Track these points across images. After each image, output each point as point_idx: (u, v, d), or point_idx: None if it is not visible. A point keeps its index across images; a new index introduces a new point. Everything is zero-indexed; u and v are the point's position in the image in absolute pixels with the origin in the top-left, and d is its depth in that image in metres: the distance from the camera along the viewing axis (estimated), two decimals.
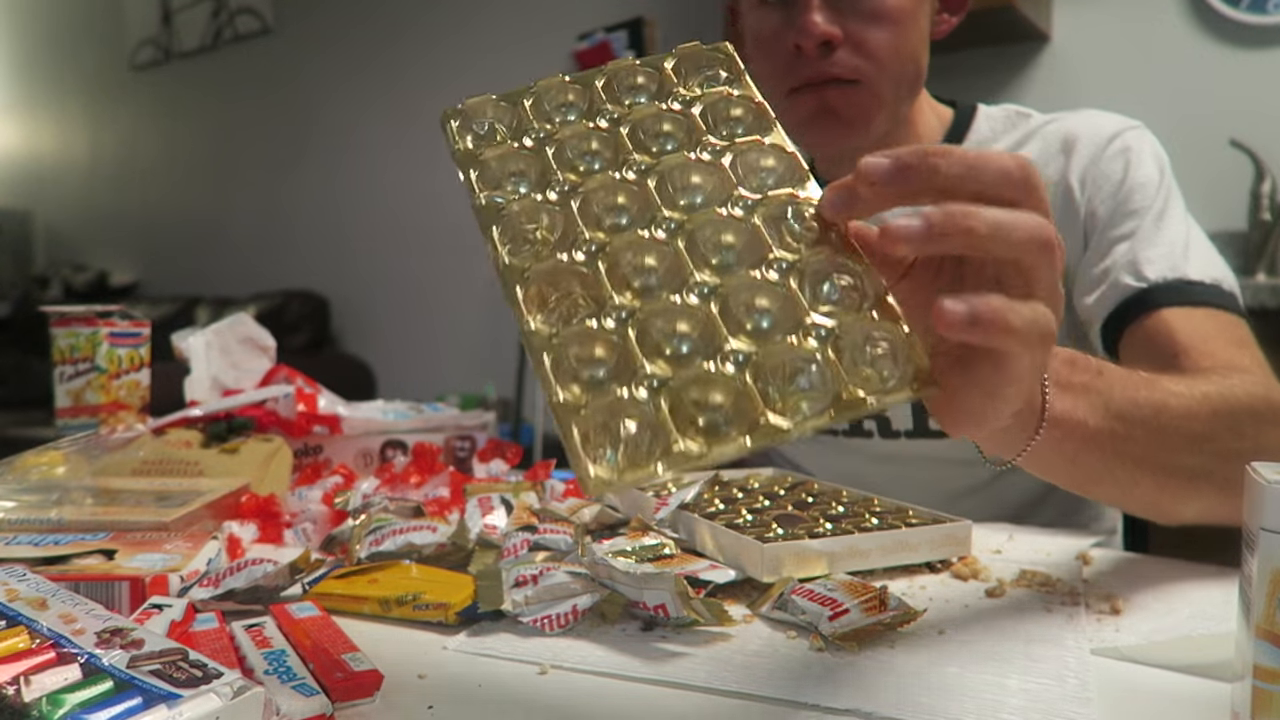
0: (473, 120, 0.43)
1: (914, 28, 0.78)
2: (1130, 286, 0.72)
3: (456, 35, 3.28)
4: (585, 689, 0.39)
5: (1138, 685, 0.40)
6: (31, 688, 0.29)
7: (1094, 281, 0.75)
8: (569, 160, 0.40)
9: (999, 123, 0.85)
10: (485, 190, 0.39)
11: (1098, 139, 0.79)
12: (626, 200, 0.38)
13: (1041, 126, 0.83)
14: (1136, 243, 0.74)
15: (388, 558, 0.53)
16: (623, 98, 0.43)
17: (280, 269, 3.85)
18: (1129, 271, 0.72)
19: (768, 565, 0.49)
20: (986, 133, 0.85)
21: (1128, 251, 0.74)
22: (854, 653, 0.41)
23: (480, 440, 0.82)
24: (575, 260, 0.37)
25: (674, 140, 0.41)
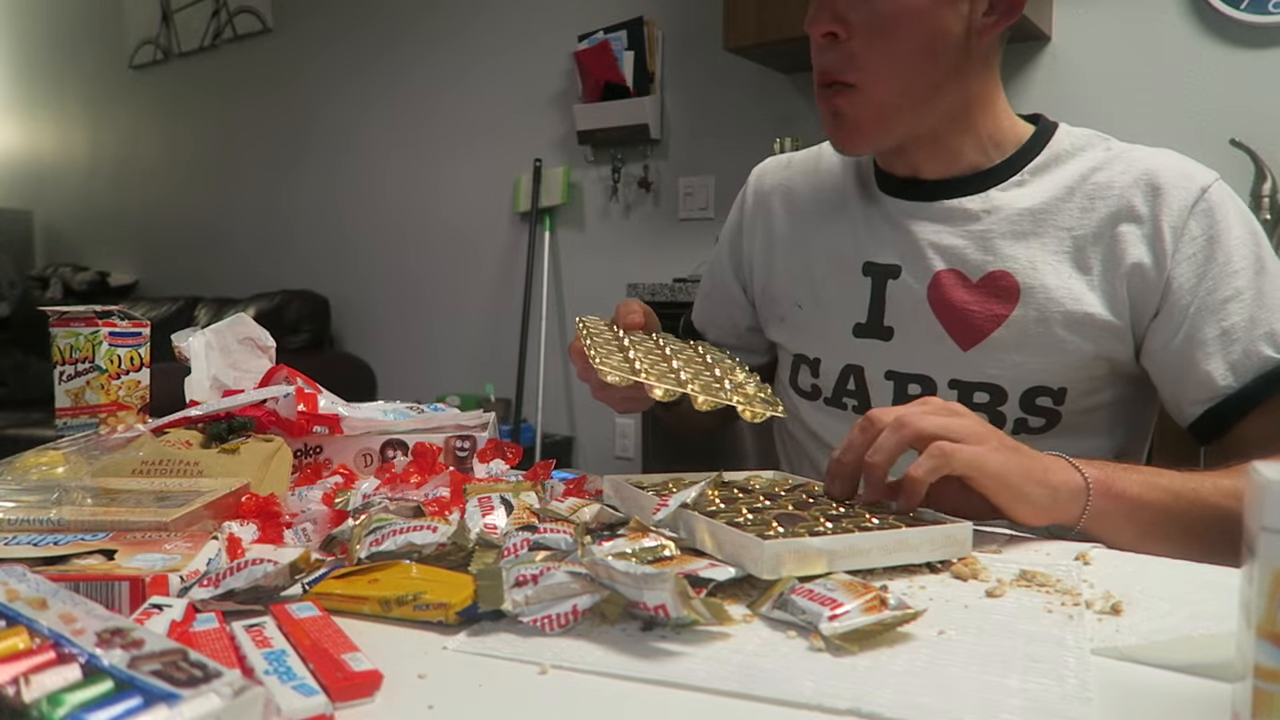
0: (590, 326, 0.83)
1: (928, 31, 0.77)
2: (1274, 358, 0.74)
3: (456, 35, 3.28)
4: (585, 689, 0.39)
5: (1138, 685, 0.39)
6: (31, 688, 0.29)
7: (1212, 343, 0.75)
8: (635, 342, 0.81)
9: (1080, 141, 0.84)
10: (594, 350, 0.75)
11: (1189, 188, 0.78)
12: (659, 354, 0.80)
13: (1124, 153, 0.82)
14: (1261, 307, 0.75)
15: (388, 558, 0.53)
16: (665, 345, 0.84)
17: (280, 269, 3.85)
18: (1268, 342, 0.74)
19: (768, 563, 0.49)
20: (1066, 148, 0.84)
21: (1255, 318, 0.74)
22: (854, 653, 0.41)
23: (480, 440, 0.82)
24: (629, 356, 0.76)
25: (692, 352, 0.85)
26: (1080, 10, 2.14)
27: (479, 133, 3.25)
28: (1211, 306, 0.76)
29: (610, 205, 2.97)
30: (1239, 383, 0.75)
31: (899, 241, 0.86)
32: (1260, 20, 1.93)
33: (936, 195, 0.85)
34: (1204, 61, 2.00)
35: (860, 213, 0.90)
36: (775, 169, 1.01)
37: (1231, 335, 0.75)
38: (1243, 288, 0.75)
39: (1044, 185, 0.83)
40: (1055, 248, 0.81)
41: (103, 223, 4.73)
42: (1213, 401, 0.76)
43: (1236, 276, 0.75)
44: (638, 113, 2.78)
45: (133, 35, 4.43)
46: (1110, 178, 0.81)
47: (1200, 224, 0.77)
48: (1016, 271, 0.81)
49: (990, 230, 0.83)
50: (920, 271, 0.85)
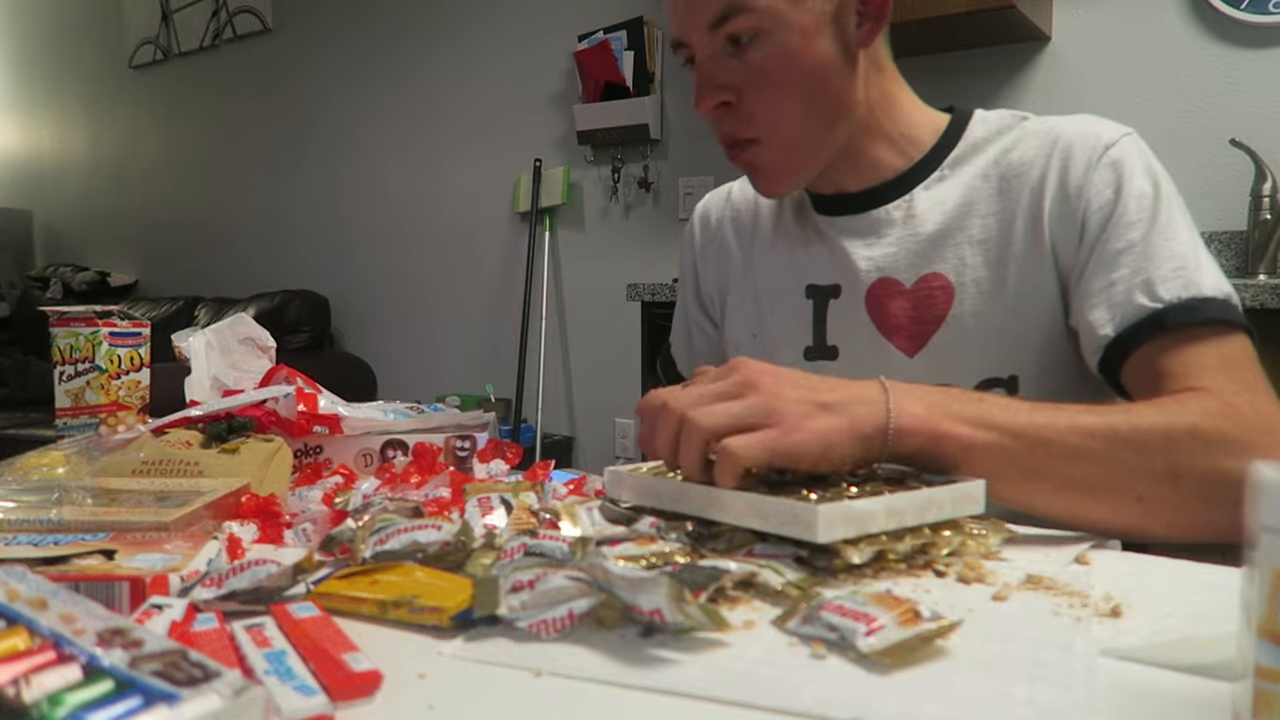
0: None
1: (809, 67, 0.78)
2: (1144, 306, 0.72)
3: (456, 35, 3.28)
4: (582, 695, 0.39)
5: (1138, 685, 0.39)
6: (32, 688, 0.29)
7: (1097, 296, 0.75)
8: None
9: (994, 125, 0.85)
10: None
11: (1093, 147, 0.78)
12: None
13: (1034, 127, 0.83)
14: (1144, 258, 0.74)
15: (392, 557, 0.52)
16: None
17: (280, 269, 3.85)
18: (1143, 291, 0.73)
19: (822, 527, 0.49)
20: (981, 135, 0.85)
21: (1136, 266, 0.74)
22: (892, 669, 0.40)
23: (481, 440, 0.82)
24: None
25: None
26: (1080, 10, 2.14)
27: (479, 133, 3.25)
28: (1102, 257, 0.75)
29: (610, 205, 2.97)
30: (1115, 331, 0.74)
31: (835, 259, 0.87)
32: (1260, 20, 1.93)
33: (863, 206, 0.87)
34: (1204, 61, 2.00)
35: (798, 235, 0.92)
36: (718, 203, 1.02)
37: (1116, 287, 0.74)
38: (1135, 240, 0.74)
39: (963, 176, 0.84)
40: (981, 236, 0.82)
41: (103, 223, 4.73)
42: (1099, 352, 0.75)
43: (1131, 229, 0.75)
44: (638, 113, 2.78)
45: (132, 35, 4.43)
46: (1022, 154, 0.81)
47: (1104, 177, 0.77)
48: (947, 271, 0.82)
49: (917, 233, 0.84)
50: (856, 286, 0.86)
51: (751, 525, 0.55)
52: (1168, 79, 2.04)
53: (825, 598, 0.46)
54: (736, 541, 0.56)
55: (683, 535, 0.57)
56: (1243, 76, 1.96)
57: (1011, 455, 0.61)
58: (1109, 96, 2.11)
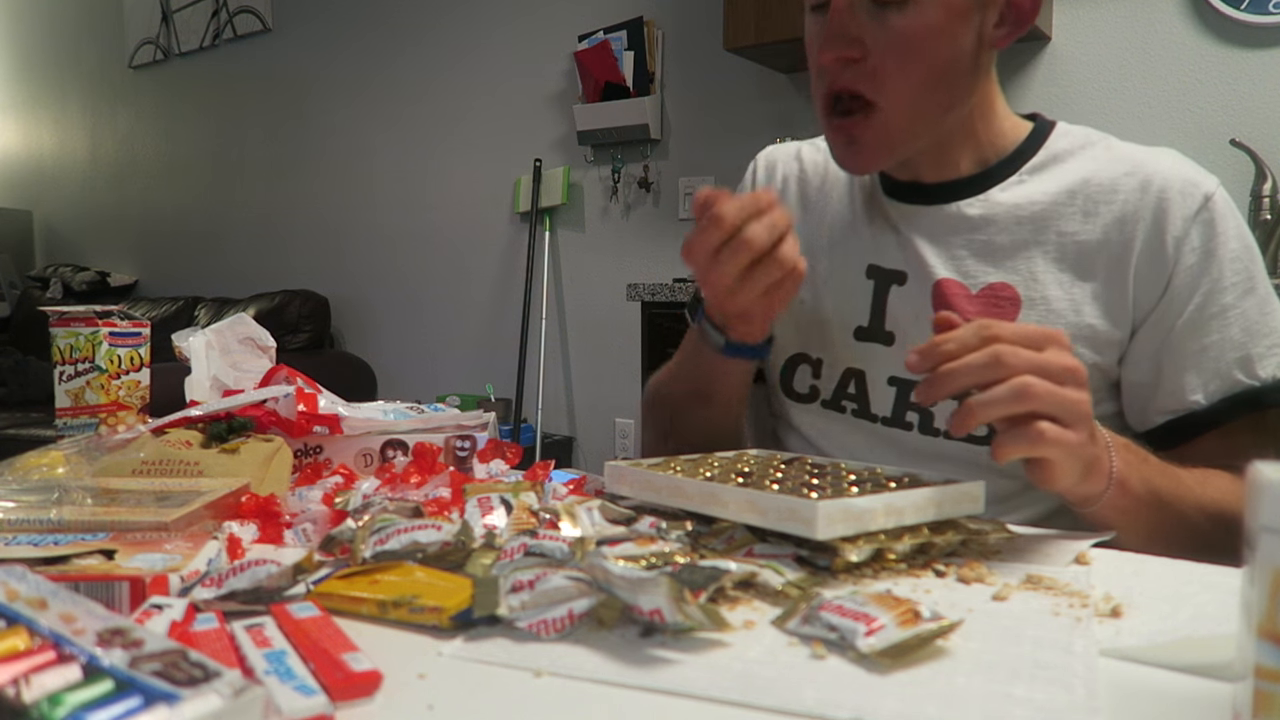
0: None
1: (946, 50, 0.76)
2: (1241, 382, 0.74)
3: (457, 35, 3.28)
4: (582, 695, 0.39)
5: (1138, 685, 0.39)
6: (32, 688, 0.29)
7: (1190, 358, 0.76)
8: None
9: (1078, 139, 0.84)
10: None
11: (1192, 196, 0.77)
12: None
13: (1126, 154, 0.81)
14: (1243, 330, 0.75)
15: (392, 558, 0.52)
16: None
17: (280, 269, 3.85)
18: (1241, 367, 0.75)
19: (821, 523, 0.50)
20: (1064, 147, 0.83)
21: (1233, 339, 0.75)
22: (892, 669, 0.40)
23: (481, 440, 0.82)
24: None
25: None
26: (1080, 10, 2.14)
27: (479, 133, 3.25)
28: (1197, 321, 0.76)
29: (610, 205, 2.97)
30: (1207, 401, 0.75)
31: (902, 247, 0.86)
32: (1260, 20, 1.93)
33: (936, 199, 0.85)
34: (1204, 61, 2.00)
35: (864, 215, 0.90)
36: (786, 158, 0.99)
37: (1209, 353, 0.75)
38: (1229, 305, 0.75)
39: (1043, 186, 0.82)
40: (1056, 255, 0.80)
41: (103, 223, 4.73)
42: (1177, 414, 0.76)
43: (1225, 293, 0.75)
44: (638, 113, 2.78)
45: (133, 35, 4.43)
46: (1113, 180, 0.80)
47: (1200, 234, 0.76)
48: (1017, 283, 0.81)
49: (991, 239, 0.82)
50: (923, 279, 0.84)
51: (750, 521, 0.55)
52: (1167, 79, 2.04)
53: (825, 598, 0.46)
54: (736, 541, 0.56)
55: (683, 535, 0.57)
56: (1243, 77, 1.96)
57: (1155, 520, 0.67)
58: (1109, 96, 2.11)
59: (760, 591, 0.50)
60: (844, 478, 0.62)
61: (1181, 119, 2.03)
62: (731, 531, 0.57)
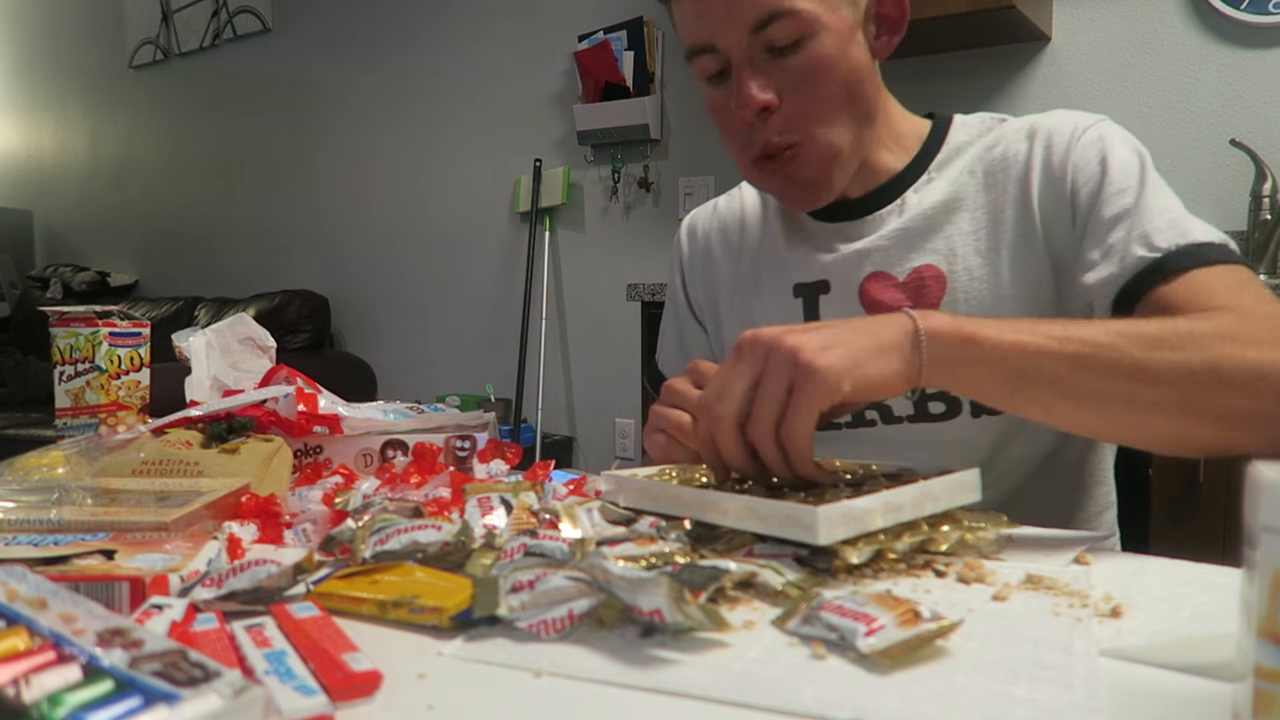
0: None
1: (846, 69, 0.78)
2: (1144, 257, 0.73)
3: (457, 35, 3.28)
4: (580, 696, 0.39)
5: (1138, 685, 0.39)
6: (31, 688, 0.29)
7: (1097, 260, 0.76)
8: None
9: (974, 128, 0.87)
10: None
11: (1073, 129, 0.80)
12: None
13: (1013, 124, 0.85)
14: (1137, 217, 0.75)
15: (392, 558, 0.52)
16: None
17: (280, 269, 3.85)
18: (1141, 244, 0.74)
19: (822, 529, 0.50)
20: (962, 138, 0.87)
21: (1130, 226, 0.75)
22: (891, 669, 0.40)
23: (481, 440, 0.82)
24: None
25: None
26: (1080, 10, 2.14)
27: (479, 133, 3.25)
28: (1099, 228, 0.76)
29: (610, 205, 2.97)
30: (1118, 286, 0.74)
31: (822, 256, 0.88)
32: (1260, 20, 1.93)
33: (858, 212, 0.88)
34: (1204, 61, 2.00)
35: (782, 239, 0.93)
36: (704, 217, 1.03)
37: (1114, 248, 0.75)
38: (1128, 204, 0.76)
39: (950, 176, 0.86)
40: (970, 228, 0.83)
41: (103, 223, 4.73)
42: (1108, 310, 0.75)
43: (1122, 195, 0.76)
44: (638, 113, 2.78)
45: (132, 35, 4.43)
46: (1005, 149, 0.83)
47: (1087, 154, 0.79)
48: (938, 261, 0.83)
49: (908, 227, 0.85)
50: (849, 281, 0.87)
51: (750, 528, 0.55)
52: (1168, 79, 2.04)
53: (825, 598, 0.45)
54: (736, 542, 0.56)
55: (682, 535, 0.57)
56: (1243, 77, 1.96)
57: (1048, 355, 0.59)
58: (1109, 97, 2.11)
59: (760, 592, 0.50)
60: (840, 477, 0.62)
61: (1181, 119, 2.02)
62: (731, 533, 0.57)
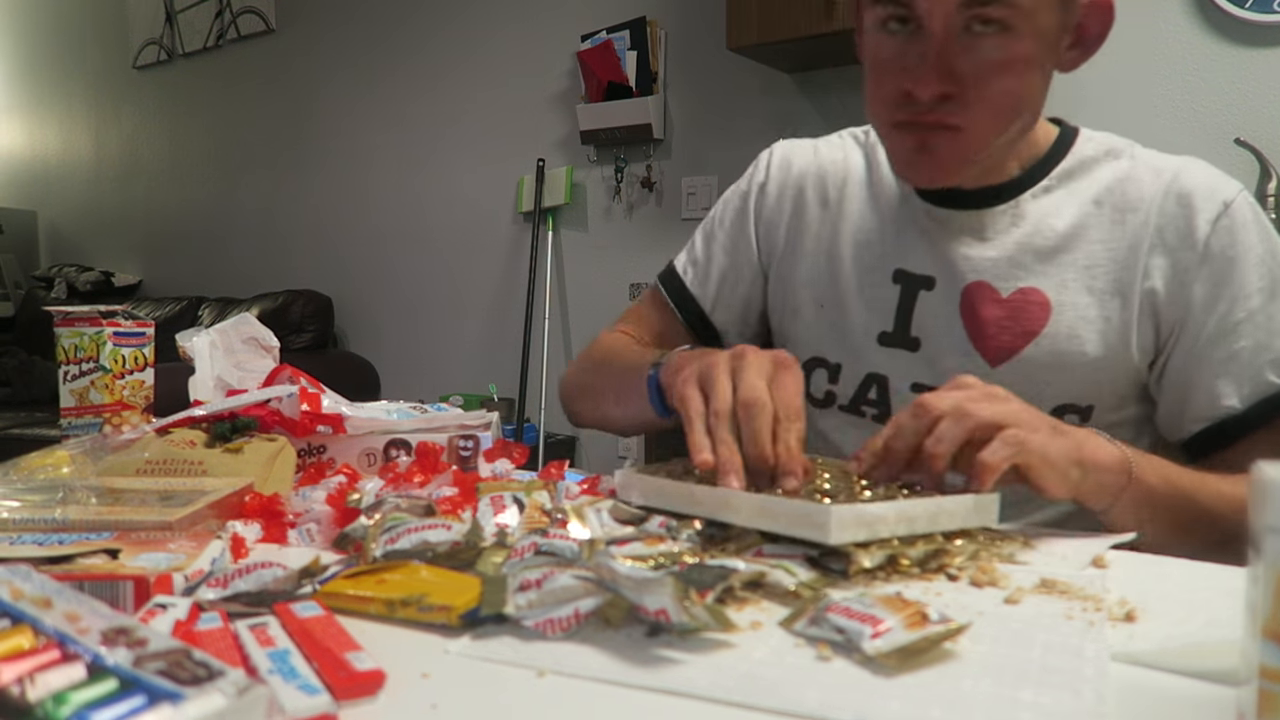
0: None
1: (1035, 77, 0.75)
2: (1275, 384, 0.75)
3: (459, 36, 3.28)
4: (585, 695, 0.39)
5: (1149, 691, 0.39)
6: (36, 687, 0.29)
7: (1220, 364, 0.76)
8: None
9: (1102, 145, 0.84)
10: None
11: (1212, 200, 0.78)
12: None
13: (1148, 161, 0.82)
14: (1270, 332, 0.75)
15: (403, 556, 0.52)
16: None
17: (284, 269, 3.85)
18: (1274, 369, 0.75)
19: (834, 529, 0.50)
20: (1090, 153, 0.84)
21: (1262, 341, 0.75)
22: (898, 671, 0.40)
23: (485, 440, 0.82)
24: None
25: None
26: None
27: (482, 132, 3.25)
28: (1224, 329, 0.76)
29: (613, 205, 2.97)
30: (1242, 405, 0.75)
31: (931, 250, 0.85)
32: (1265, 19, 1.92)
33: (969, 204, 0.84)
34: (1209, 60, 2.00)
35: (891, 218, 0.88)
36: (802, 154, 0.95)
37: (1240, 358, 0.75)
38: (1256, 309, 0.75)
39: (1072, 194, 0.82)
40: (1087, 262, 0.80)
41: (107, 223, 4.74)
42: (1213, 420, 0.76)
43: (1251, 298, 0.75)
44: (640, 112, 2.78)
45: (136, 36, 4.43)
46: (1140, 190, 0.80)
47: (1221, 241, 0.76)
48: (1047, 289, 0.80)
49: (1022, 245, 0.82)
50: (952, 284, 0.83)
51: (762, 527, 0.55)
52: (1172, 78, 2.04)
53: (833, 599, 0.45)
54: (746, 542, 0.56)
55: (693, 535, 0.57)
56: (1247, 76, 1.96)
57: (1176, 511, 0.68)
58: (1114, 95, 2.10)
59: (770, 592, 0.50)
60: (855, 482, 0.62)
61: (1186, 118, 2.02)
62: (742, 533, 0.57)
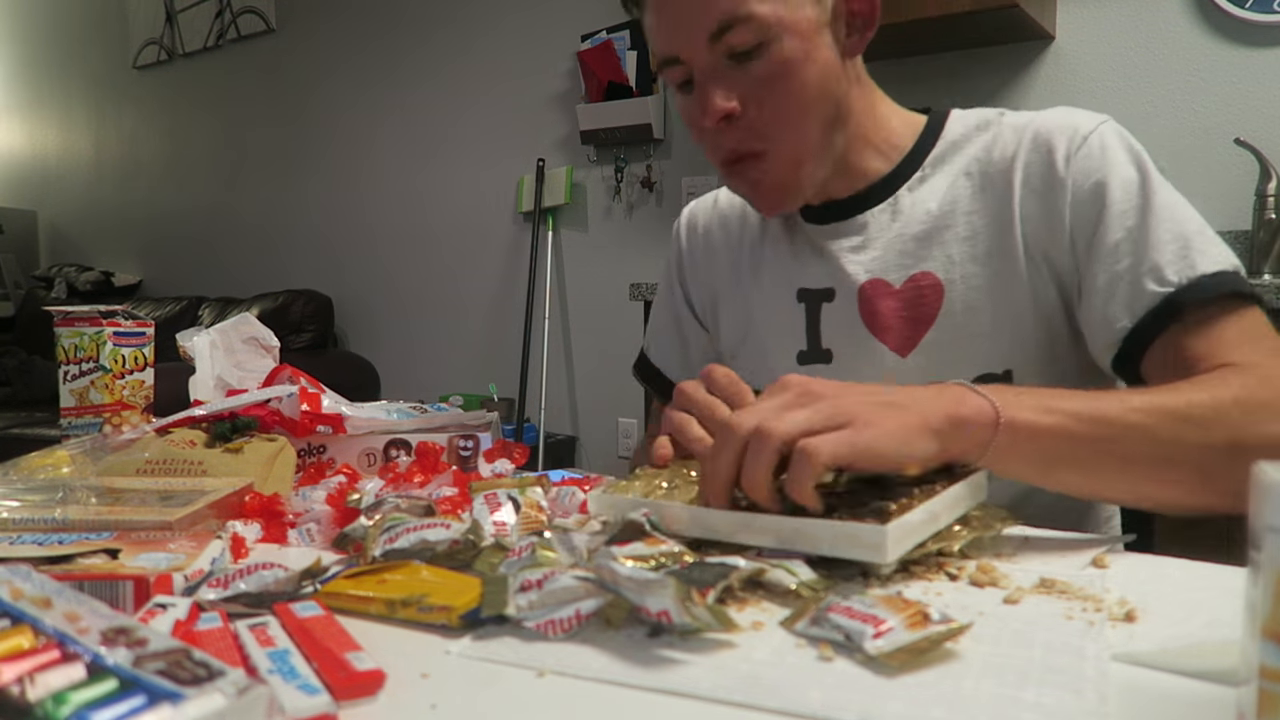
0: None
1: (813, 73, 0.77)
2: (1156, 293, 0.72)
3: (459, 35, 3.28)
4: (585, 696, 0.39)
5: (1150, 691, 0.39)
6: (36, 687, 0.29)
7: (1105, 289, 0.75)
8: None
9: (971, 122, 0.85)
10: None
11: (1070, 136, 0.78)
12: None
13: (1012, 121, 0.83)
14: (1144, 245, 0.74)
15: (402, 556, 0.52)
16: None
17: (284, 268, 3.86)
18: (1151, 277, 0.73)
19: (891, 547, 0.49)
20: (959, 133, 0.85)
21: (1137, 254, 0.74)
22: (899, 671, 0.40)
23: (485, 440, 0.82)
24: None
25: None
26: (1084, 9, 2.13)
27: (482, 132, 3.25)
28: (1103, 253, 0.75)
29: (613, 205, 2.97)
30: (1131, 322, 0.74)
31: (824, 264, 0.87)
32: (1265, 19, 1.92)
33: (850, 212, 0.87)
34: (1208, 60, 2.00)
35: (786, 241, 0.92)
36: (704, 209, 1.02)
37: (1123, 278, 0.74)
38: (1131, 227, 0.74)
39: (945, 175, 0.84)
40: (967, 233, 0.81)
41: (107, 223, 4.74)
42: (1117, 345, 0.75)
43: (1125, 217, 0.75)
44: (640, 112, 2.78)
45: (136, 36, 4.43)
46: (1003, 150, 0.81)
47: (1083, 167, 0.77)
48: (935, 269, 0.82)
49: (903, 234, 0.84)
50: (848, 289, 0.86)
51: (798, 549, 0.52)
52: (1172, 78, 2.04)
53: (834, 599, 0.45)
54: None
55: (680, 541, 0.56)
56: (1247, 76, 1.96)
57: (1077, 437, 0.61)
58: (1113, 96, 2.10)
59: (770, 592, 0.50)
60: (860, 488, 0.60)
61: (1185, 118, 2.02)
62: None
